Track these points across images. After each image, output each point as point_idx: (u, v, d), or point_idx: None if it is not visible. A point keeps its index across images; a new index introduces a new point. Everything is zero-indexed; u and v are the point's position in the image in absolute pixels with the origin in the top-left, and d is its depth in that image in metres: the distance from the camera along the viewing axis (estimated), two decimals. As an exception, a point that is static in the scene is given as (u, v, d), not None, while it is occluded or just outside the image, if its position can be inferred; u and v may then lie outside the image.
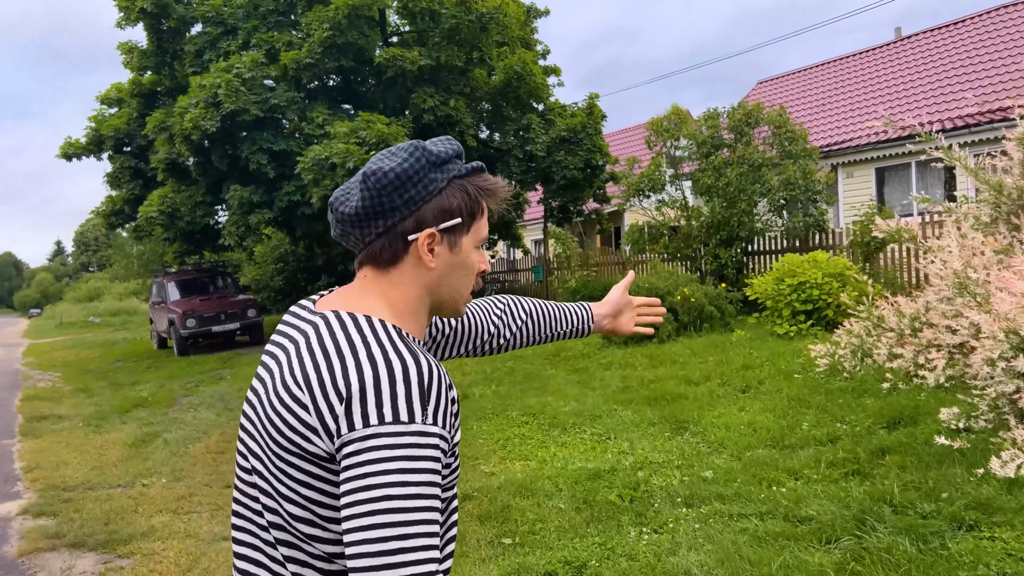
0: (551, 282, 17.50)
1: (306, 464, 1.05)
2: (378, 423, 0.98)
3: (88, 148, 16.49)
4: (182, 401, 10.68)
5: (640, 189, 12.85)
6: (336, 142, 13.07)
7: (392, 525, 0.96)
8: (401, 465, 0.97)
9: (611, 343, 10.48)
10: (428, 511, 0.98)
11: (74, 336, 28.21)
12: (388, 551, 0.96)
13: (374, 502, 0.97)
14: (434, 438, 1.00)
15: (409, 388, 1.01)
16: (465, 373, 10.20)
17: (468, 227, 1.17)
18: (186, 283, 17.14)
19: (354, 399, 1.00)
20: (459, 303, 1.22)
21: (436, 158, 1.14)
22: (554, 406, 7.35)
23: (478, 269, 1.22)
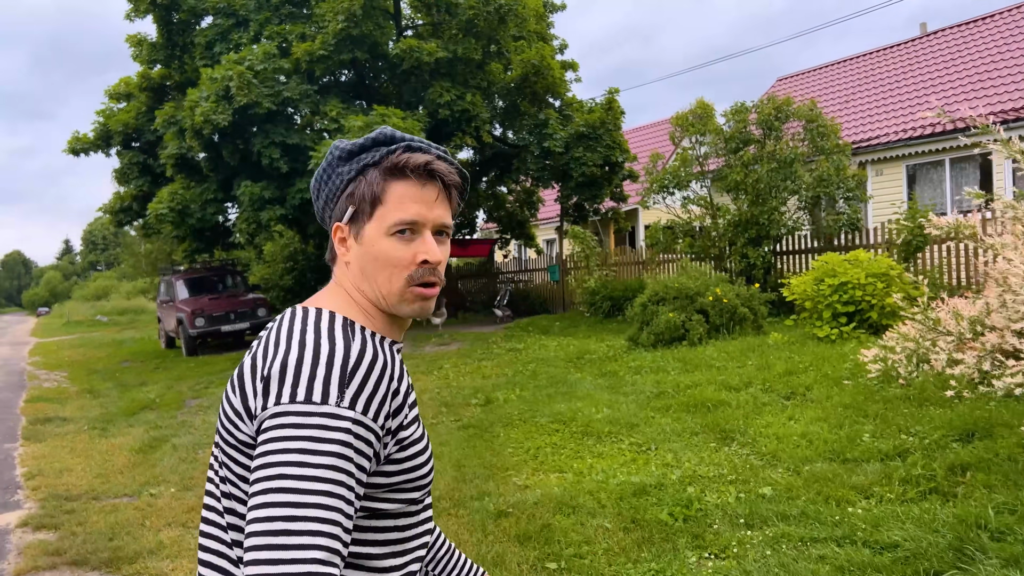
0: (568, 282, 17.07)
1: (239, 455, 1.03)
2: (288, 401, 0.96)
3: (96, 143, 16.15)
4: (191, 403, 10.29)
5: (664, 186, 12.41)
6: (350, 136, 12.67)
7: (281, 505, 0.91)
8: (302, 445, 0.93)
9: (637, 345, 10.04)
10: (326, 495, 0.93)
11: (81, 335, 27.92)
12: (273, 531, 0.91)
13: (269, 480, 0.93)
14: (346, 422, 0.96)
15: (330, 370, 0.98)
16: (485, 376, 9.78)
17: (369, 214, 1.10)
18: (195, 281, 16.77)
19: (272, 379, 0.98)
20: (390, 298, 1.11)
21: (343, 152, 1.12)
22: (585, 413, 6.92)
23: (406, 258, 1.10)
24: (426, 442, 1.14)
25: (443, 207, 1.13)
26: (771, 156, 11.55)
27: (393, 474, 1.05)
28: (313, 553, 0.90)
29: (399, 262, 1.09)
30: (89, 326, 34.19)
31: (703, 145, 12.81)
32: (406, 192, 1.09)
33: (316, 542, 0.91)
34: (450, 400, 8.38)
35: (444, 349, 13.14)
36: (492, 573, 3.93)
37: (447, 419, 7.63)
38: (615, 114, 16.12)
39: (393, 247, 1.09)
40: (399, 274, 1.10)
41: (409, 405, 1.08)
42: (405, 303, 1.11)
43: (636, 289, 13.68)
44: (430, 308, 1.15)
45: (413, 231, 1.10)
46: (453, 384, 9.39)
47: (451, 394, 8.74)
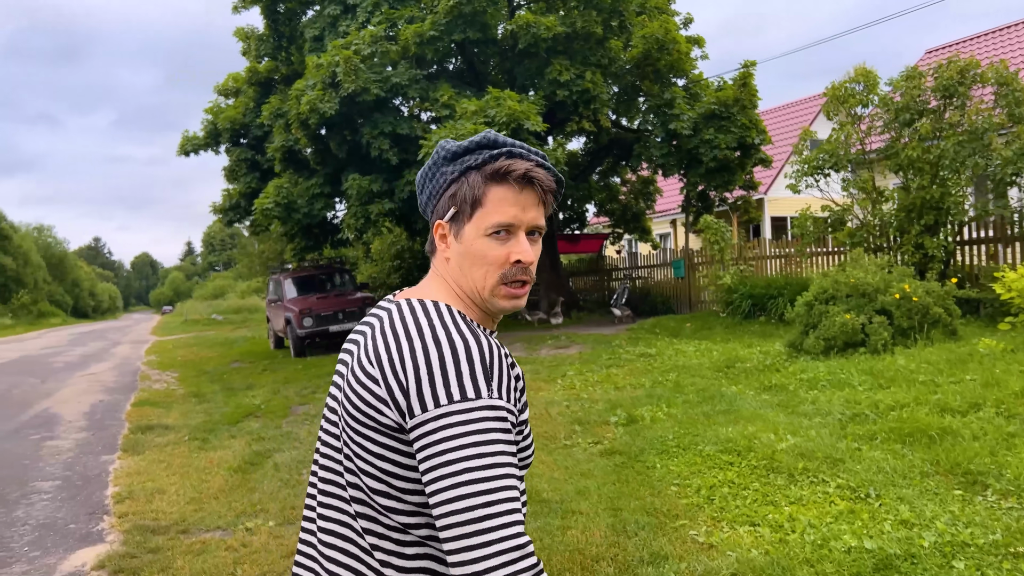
0: (696, 279, 15.54)
1: (380, 436, 1.10)
2: (447, 402, 1.03)
3: (206, 142, 15.89)
4: (297, 411, 9.52)
5: (819, 167, 10.75)
6: (463, 122, 11.68)
7: (476, 495, 1.00)
8: (476, 439, 1.02)
9: (800, 352, 8.52)
10: (506, 478, 1.02)
11: (196, 333, 28.43)
12: (476, 519, 1.00)
13: (456, 476, 1.01)
14: (502, 411, 1.05)
15: (472, 366, 1.05)
16: (618, 387, 8.52)
17: (469, 215, 1.17)
18: (303, 280, 16.26)
19: (423, 379, 1.05)
20: (483, 293, 1.19)
21: (448, 153, 1.20)
22: (763, 440, 5.55)
23: (500, 258, 1.17)
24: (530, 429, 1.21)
25: (538, 210, 1.19)
26: (954, 127, 9.73)
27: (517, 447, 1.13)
28: (515, 529, 1.01)
29: (494, 261, 1.16)
30: (205, 325, 35.06)
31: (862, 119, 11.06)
32: (505, 196, 1.15)
33: (514, 519, 1.02)
34: (583, 416, 7.16)
35: (563, 352, 11.95)
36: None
37: (584, 441, 6.42)
38: (750, 91, 14.48)
39: (489, 246, 1.16)
40: (494, 272, 1.17)
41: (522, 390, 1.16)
42: (497, 299, 1.19)
43: (781, 286, 12.09)
44: (521, 304, 1.22)
45: (508, 232, 1.16)
46: (583, 396, 8.17)
47: (583, 409, 7.52)
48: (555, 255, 18.00)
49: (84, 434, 8.80)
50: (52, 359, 19.22)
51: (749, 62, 14.39)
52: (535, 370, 10.27)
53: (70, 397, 11.85)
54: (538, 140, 12.62)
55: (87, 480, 6.70)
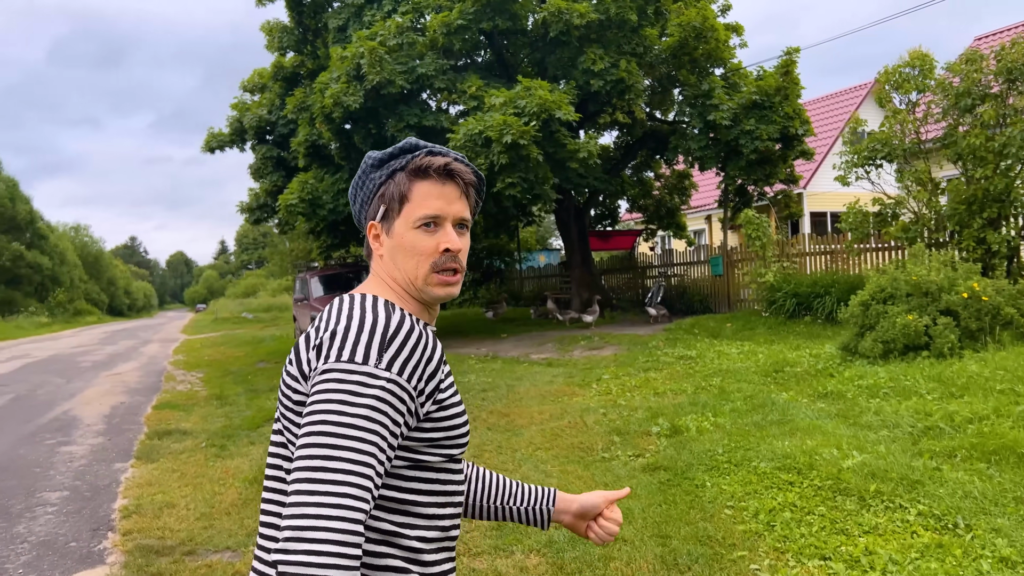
0: (735, 277, 14.90)
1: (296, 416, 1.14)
2: (335, 360, 1.08)
3: (231, 139, 15.61)
4: (319, 415, 9.13)
5: (870, 158, 10.09)
6: (492, 113, 11.21)
7: (320, 446, 1.02)
8: (342, 397, 1.05)
9: (855, 355, 7.91)
10: (359, 440, 1.03)
11: (226, 332, 28.36)
12: (313, 467, 1.01)
13: (313, 424, 1.05)
14: (381, 380, 1.07)
15: (371, 337, 1.10)
16: (658, 393, 7.99)
17: (398, 211, 1.23)
18: (330, 279, 15.90)
19: (323, 344, 1.11)
20: (417, 283, 1.23)
21: (375, 160, 1.28)
22: (823, 455, 5.00)
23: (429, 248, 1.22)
24: (462, 408, 1.24)
25: (462, 203, 1.25)
26: (1020, 113, 9.03)
27: (432, 430, 1.17)
28: (347, 488, 1.01)
29: (424, 251, 1.22)
30: (235, 323, 35.07)
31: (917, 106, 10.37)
32: (429, 190, 1.22)
33: (349, 479, 1.01)
34: (622, 426, 6.64)
35: (596, 354, 11.42)
36: None
37: (623, 454, 5.91)
38: (793, 80, 13.80)
39: (419, 238, 1.22)
40: (424, 261, 1.22)
41: (444, 373, 1.19)
42: (431, 287, 1.23)
43: (828, 285, 11.45)
44: (454, 292, 1.26)
45: (436, 224, 1.22)
46: (620, 403, 7.65)
47: (621, 417, 7.00)
48: (587, 252, 17.46)
49: (100, 439, 8.49)
50: (81, 358, 19.15)
51: (792, 48, 13.69)
52: (568, 373, 9.77)
53: (92, 398, 11.61)
54: (570, 131, 12.12)
55: (96, 491, 6.35)
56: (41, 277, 48.82)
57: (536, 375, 9.75)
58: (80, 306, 54.77)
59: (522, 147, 10.91)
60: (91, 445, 8.19)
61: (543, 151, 11.47)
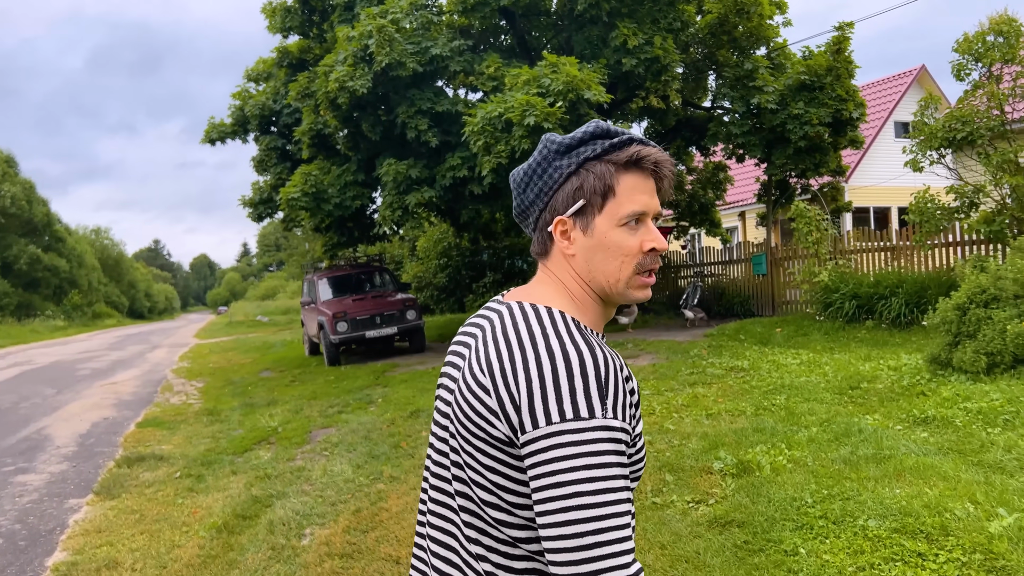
0: (779, 276, 13.57)
1: (491, 449, 1.07)
2: (560, 420, 0.99)
3: (233, 129, 14.54)
4: (317, 436, 8.00)
5: (951, 138, 8.76)
6: (513, 93, 10.03)
7: (585, 520, 0.98)
8: (587, 461, 0.98)
9: (949, 368, 6.61)
10: (618, 503, 0.99)
11: (239, 336, 27.43)
12: (584, 546, 0.97)
13: (566, 499, 0.98)
14: (616, 432, 1.01)
15: (587, 382, 1.01)
16: (710, 413, 6.74)
17: (600, 207, 1.13)
18: (338, 280, 14.79)
19: (535, 394, 1.01)
20: (618, 286, 1.16)
21: (560, 146, 1.16)
22: (955, 512, 3.75)
23: (635, 247, 1.14)
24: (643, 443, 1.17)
25: (658, 197, 1.17)
26: None
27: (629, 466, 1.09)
28: (624, 558, 0.98)
29: (630, 251, 1.13)
30: (249, 326, 34.20)
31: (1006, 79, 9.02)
32: (636, 184, 1.13)
33: (624, 547, 0.98)
34: (674, 460, 5.41)
35: (632, 363, 10.19)
36: None
37: (680, 499, 4.68)
38: (845, 58, 12.46)
39: (624, 237, 1.13)
40: (629, 262, 1.14)
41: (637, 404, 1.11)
42: (632, 289, 1.16)
43: (893, 285, 10.12)
44: (650, 294, 1.20)
45: (639, 221, 1.14)
46: (668, 427, 6.41)
47: (671, 447, 5.77)
48: (616, 251, 16.20)
49: (64, 466, 7.41)
50: (81, 365, 18.23)
51: (845, 23, 12.34)
52: (601, 387, 8.55)
53: (75, 413, 10.58)
54: (600, 114, 10.91)
55: (34, 539, 5.25)
56: (59, 280, 48.40)
57: (564, 389, 8.54)
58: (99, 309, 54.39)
59: (547, 131, 9.70)
60: (51, 474, 7.10)
61: (570, 137, 10.27)
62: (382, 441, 7.31)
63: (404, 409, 8.60)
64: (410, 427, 7.68)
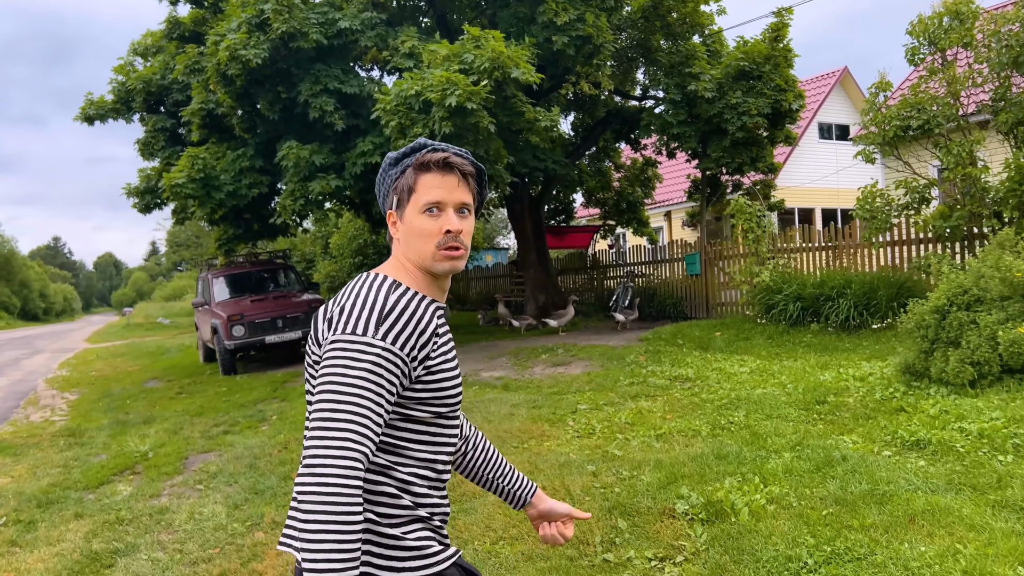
0: (714, 276, 12.86)
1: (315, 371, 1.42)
2: (340, 332, 1.36)
3: (114, 107, 12.84)
4: (194, 464, 6.67)
5: (905, 127, 8.11)
6: (432, 70, 8.89)
7: (328, 401, 1.30)
8: (345, 362, 1.32)
9: (925, 379, 5.84)
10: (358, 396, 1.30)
11: (134, 340, 25.26)
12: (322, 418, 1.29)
13: (322, 385, 1.32)
14: (376, 349, 1.33)
15: (371, 314, 1.36)
16: (660, 434, 5.78)
17: (408, 200, 1.48)
18: (236, 279, 13.29)
19: (334, 317, 1.39)
20: (427, 260, 1.48)
21: (392, 160, 1.53)
22: (1009, 582, 2.85)
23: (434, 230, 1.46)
24: (455, 373, 1.49)
25: (462, 191, 1.49)
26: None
27: (421, 391, 1.43)
28: (347, 435, 1.28)
29: (429, 232, 1.46)
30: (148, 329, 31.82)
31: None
32: (431, 181, 1.47)
33: (350, 427, 1.29)
34: (627, 499, 4.38)
35: (564, 372, 9.20)
36: None
37: (639, 555, 3.66)
38: (784, 48, 11.84)
39: (425, 221, 1.46)
40: (430, 241, 1.47)
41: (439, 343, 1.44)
42: (437, 262, 1.48)
43: (840, 286, 9.46)
44: (459, 266, 1.50)
45: (439, 209, 1.47)
46: (613, 452, 5.39)
47: (620, 480, 4.75)
48: (543, 249, 15.26)
49: None
50: (-60, 375, 16.03)
51: (784, 8, 11.72)
52: (531, 400, 7.50)
53: (-96, 436, 8.84)
54: (530, 97, 9.89)
55: None
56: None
57: (489, 404, 7.46)
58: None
59: (470, 113, 8.62)
60: None
61: (496, 120, 9.21)
62: (270, 471, 6.06)
63: (301, 429, 7.34)
64: (306, 452, 6.45)
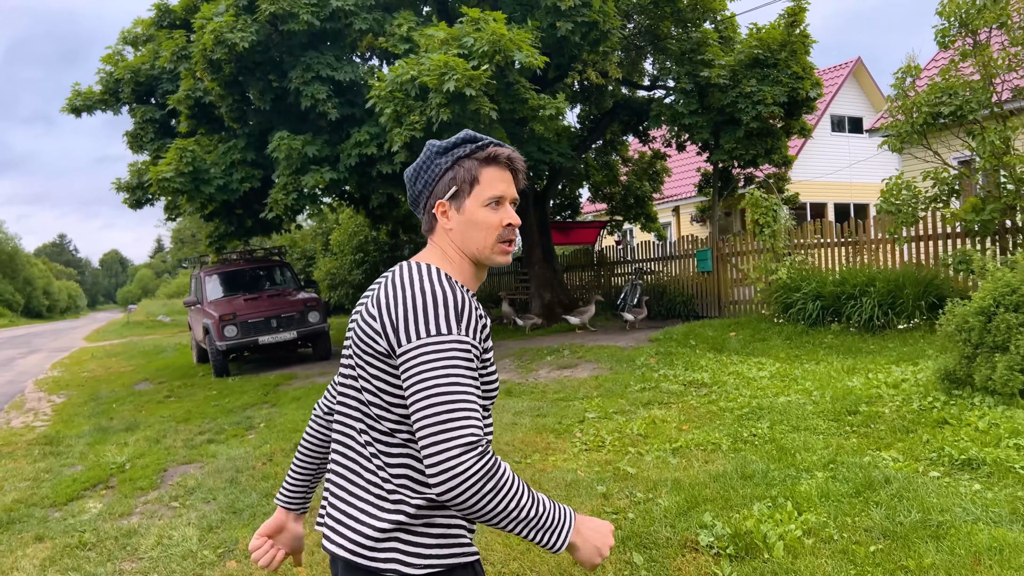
0: (726, 273, 12.33)
1: (375, 360, 1.46)
2: (425, 336, 1.38)
3: (102, 98, 12.36)
4: (172, 477, 6.20)
5: (935, 114, 7.57)
6: (429, 54, 8.37)
7: (440, 403, 1.34)
8: (443, 363, 1.36)
9: (968, 387, 5.31)
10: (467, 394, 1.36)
11: (133, 339, 24.84)
12: (440, 420, 1.34)
13: (427, 390, 1.35)
14: (466, 344, 1.39)
15: (446, 310, 1.40)
16: (679, 449, 5.27)
17: (469, 192, 1.53)
18: (229, 277, 12.81)
19: (409, 318, 1.40)
20: (485, 252, 1.54)
21: (439, 148, 1.56)
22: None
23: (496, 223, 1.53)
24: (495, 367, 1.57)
25: (515, 187, 1.58)
26: None
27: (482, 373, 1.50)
28: (470, 430, 1.34)
29: (492, 225, 1.53)
30: (148, 327, 31.42)
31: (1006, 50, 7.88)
32: (495, 175, 1.54)
33: (470, 423, 1.34)
34: (642, 527, 3.87)
35: (570, 375, 8.69)
36: None
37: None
38: (802, 33, 11.29)
39: (487, 214, 1.53)
40: (492, 234, 1.53)
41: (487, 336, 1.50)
42: (495, 255, 1.55)
43: (862, 283, 8.93)
44: (510, 259, 1.58)
45: (499, 203, 1.55)
46: (625, 469, 4.88)
47: (633, 503, 4.24)
48: (549, 245, 14.73)
49: None
50: (-72, 375, 15.62)
51: (801, -9, 11.16)
52: (536, 407, 6.99)
53: None
54: (535, 84, 9.37)
55: None
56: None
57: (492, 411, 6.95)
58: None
59: (470, 99, 8.11)
60: None
61: (497, 108, 8.69)
62: (251, 487, 5.57)
63: (288, 439, 6.85)
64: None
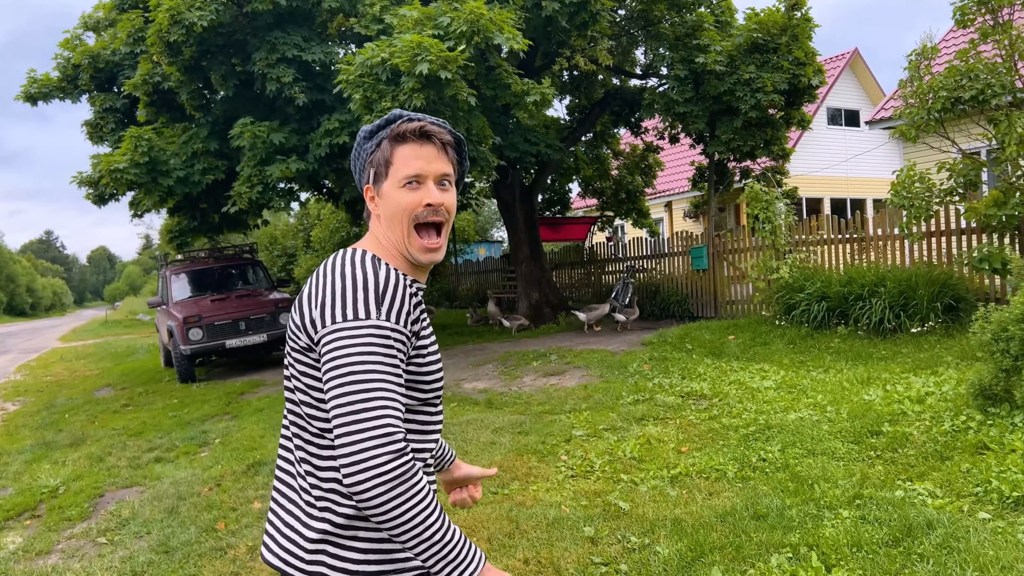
0: (722, 272, 11.68)
1: (301, 356, 1.36)
2: (341, 320, 1.27)
3: (59, 85, 11.58)
4: (107, 504, 5.50)
5: (955, 99, 6.92)
6: (401, 35, 7.67)
7: (355, 393, 1.23)
8: (359, 350, 1.25)
9: (1006, 404, 4.68)
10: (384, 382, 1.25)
11: (108, 339, 24.02)
12: (354, 410, 1.23)
13: (342, 378, 1.25)
14: (386, 330, 1.28)
15: (366, 294, 1.29)
16: (678, 477, 4.61)
17: (385, 174, 1.41)
18: (196, 276, 12.08)
19: (325, 305, 1.30)
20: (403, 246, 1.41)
21: (366, 132, 1.46)
22: None
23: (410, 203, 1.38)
24: (437, 357, 1.44)
25: (441, 162, 1.41)
26: None
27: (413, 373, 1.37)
28: (385, 420, 1.23)
29: (408, 206, 1.38)
30: (126, 326, 30.60)
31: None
32: (409, 152, 1.39)
33: (386, 413, 1.24)
34: (636, 580, 3.21)
35: (556, 383, 8.03)
36: None
37: None
38: (803, 17, 10.63)
39: (404, 195, 1.39)
40: (406, 216, 1.39)
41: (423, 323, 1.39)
42: (415, 252, 1.41)
43: (871, 283, 8.30)
44: (437, 258, 1.43)
45: (419, 182, 1.39)
46: (618, 505, 4.21)
47: (626, 550, 3.58)
48: (536, 242, 14.05)
49: None
50: None
51: (805, -27, 10.50)
52: (517, 423, 6.31)
53: None
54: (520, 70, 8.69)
55: None
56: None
57: (467, 428, 6.27)
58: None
59: (447, 83, 7.41)
60: None
61: (477, 93, 8.00)
62: (192, 519, 4.87)
63: (243, 459, 6.16)
64: (241, 492, 5.27)
